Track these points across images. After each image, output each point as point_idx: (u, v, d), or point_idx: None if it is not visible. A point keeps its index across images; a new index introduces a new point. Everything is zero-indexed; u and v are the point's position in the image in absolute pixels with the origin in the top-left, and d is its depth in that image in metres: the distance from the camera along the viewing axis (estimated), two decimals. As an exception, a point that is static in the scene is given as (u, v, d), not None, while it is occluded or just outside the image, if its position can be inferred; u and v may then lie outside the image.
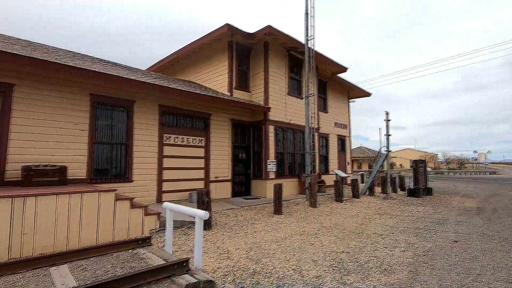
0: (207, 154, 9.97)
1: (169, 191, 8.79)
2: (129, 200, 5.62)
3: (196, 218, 3.81)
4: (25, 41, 8.25)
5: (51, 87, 6.73)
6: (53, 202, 4.70)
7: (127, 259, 4.26)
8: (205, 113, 9.98)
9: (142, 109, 8.32)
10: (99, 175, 7.42)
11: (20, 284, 3.38)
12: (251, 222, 6.92)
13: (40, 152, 6.48)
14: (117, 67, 9.06)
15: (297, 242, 5.30)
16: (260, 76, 11.44)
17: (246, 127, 11.52)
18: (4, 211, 4.26)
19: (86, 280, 3.50)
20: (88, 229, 5.04)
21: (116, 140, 7.81)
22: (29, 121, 6.38)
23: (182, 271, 3.54)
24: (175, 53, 13.17)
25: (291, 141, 12.25)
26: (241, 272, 3.83)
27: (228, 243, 5.16)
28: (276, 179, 10.99)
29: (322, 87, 15.28)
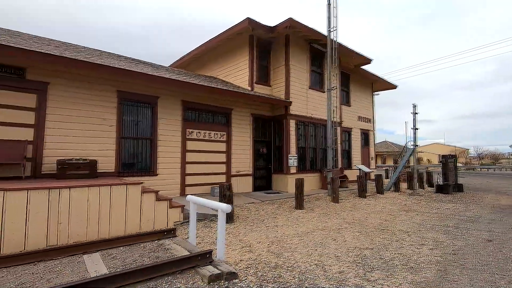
0: (229, 149, 10.07)
1: (192, 185, 9.00)
2: (154, 193, 5.82)
3: (218, 211, 3.87)
4: (57, 41, 8.69)
5: (82, 84, 7.06)
6: (85, 194, 4.98)
7: (154, 249, 4.43)
8: (227, 108, 10.07)
9: (165, 105, 8.54)
10: (126, 168, 7.73)
11: (57, 269, 3.62)
12: (272, 216, 6.94)
13: (73, 146, 6.85)
14: (142, 64, 9.33)
15: (319, 237, 5.26)
16: (281, 70, 11.33)
17: (267, 122, 11.50)
18: (42, 201, 4.57)
19: (116, 268, 3.69)
20: (117, 219, 5.29)
21: (142, 135, 8.09)
22: (62, 118, 6.75)
23: (205, 262, 3.63)
24: (196, 49, 13.34)
25: (312, 135, 12.08)
26: (263, 265, 3.86)
27: (250, 237, 5.22)
28: (297, 173, 10.91)
29: (345, 79, 14.88)
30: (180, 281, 3.30)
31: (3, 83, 6.07)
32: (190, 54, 13.88)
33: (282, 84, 11.23)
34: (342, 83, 14.42)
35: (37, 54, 5.89)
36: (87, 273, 3.49)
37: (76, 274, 3.49)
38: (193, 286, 3.17)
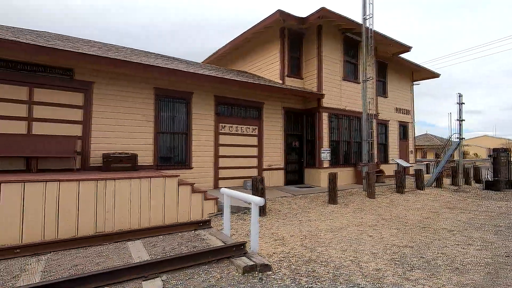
0: (260, 143, 10.12)
1: (224, 178, 9.21)
2: (190, 185, 6.05)
3: (252, 204, 3.92)
4: (100, 42, 9.29)
5: (122, 82, 7.50)
6: (127, 185, 5.32)
7: (190, 238, 4.62)
8: (258, 102, 10.09)
9: (199, 100, 8.78)
10: (163, 162, 8.12)
11: (105, 254, 3.94)
12: (305, 210, 6.88)
13: (116, 141, 7.33)
14: (176, 61, 9.65)
15: (354, 233, 5.12)
16: (313, 61, 11.06)
17: (299, 115, 11.34)
18: (90, 191, 4.97)
19: (156, 255, 3.92)
20: (156, 210, 5.59)
21: (177, 130, 8.41)
22: (105, 114, 7.25)
23: (240, 253, 3.71)
24: (228, 45, 13.47)
25: (346, 128, 11.69)
26: (296, 259, 3.86)
27: (283, 230, 5.23)
28: (330, 168, 10.67)
29: (382, 69, 14.13)
30: (216, 270, 3.41)
31: (55, 84, 6.65)
32: (221, 49, 14.06)
33: (314, 76, 10.97)
34: (379, 73, 13.72)
35: (86, 56, 6.36)
36: (131, 259, 3.75)
37: (122, 259, 3.76)
38: (228, 276, 3.26)
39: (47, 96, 6.58)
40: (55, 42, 6.79)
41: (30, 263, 3.59)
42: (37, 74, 6.47)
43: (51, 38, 7.45)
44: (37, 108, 6.48)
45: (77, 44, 7.60)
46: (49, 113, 6.59)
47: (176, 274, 3.27)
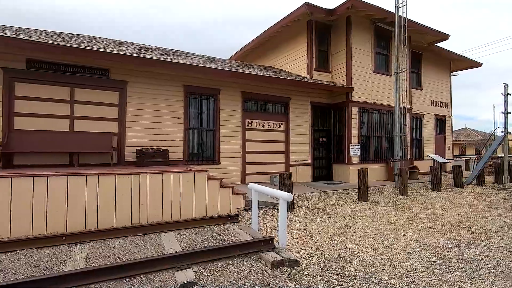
0: (287, 138, 10.05)
1: (252, 174, 9.28)
2: (218, 180, 6.18)
3: (280, 200, 3.92)
4: (133, 43, 9.70)
5: (154, 81, 7.79)
6: (160, 179, 5.55)
7: (219, 232, 4.73)
8: (285, 97, 10.00)
9: (226, 97, 8.89)
10: (192, 157, 8.35)
11: (140, 244, 4.15)
12: (333, 207, 6.75)
13: (148, 137, 7.66)
14: (204, 59, 9.83)
15: (385, 231, 4.94)
16: (341, 54, 10.72)
17: (326, 110, 11.09)
18: (126, 185, 5.25)
19: (188, 246, 4.06)
20: (187, 203, 5.78)
21: (205, 126, 8.60)
22: (139, 112, 7.58)
23: (268, 248, 3.73)
24: (254, 40, 13.46)
25: (377, 123, 11.24)
26: (325, 255, 3.80)
27: (311, 226, 5.17)
28: (359, 164, 10.34)
29: (416, 60, 13.36)
30: (245, 263, 3.47)
31: (93, 83, 7.07)
32: (247, 46, 14.09)
33: (343, 69, 10.64)
34: (413, 64, 12.98)
35: (120, 57, 6.71)
36: (164, 249, 3.92)
37: (155, 250, 3.94)
38: (257, 270, 3.30)
39: (86, 95, 7.02)
40: (93, 44, 7.21)
41: (74, 250, 3.88)
42: (77, 75, 6.92)
43: (89, 41, 7.91)
44: (77, 106, 6.95)
45: (112, 45, 8.00)
46: (88, 111, 7.04)
47: (206, 265, 3.37)
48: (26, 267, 3.38)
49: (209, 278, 3.08)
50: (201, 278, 3.07)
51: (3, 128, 6.20)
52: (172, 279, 3.04)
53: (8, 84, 6.28)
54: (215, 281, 3.04)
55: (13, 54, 6.30)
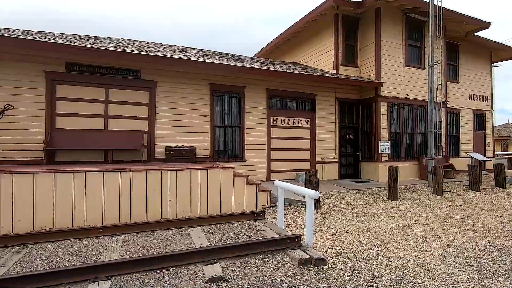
0: (313, 135, 9.90)
1: (277, 171, 9.26)
2: (244, 177, 6.23)
3: (306, 197, 3.88)
4: (160, 44, 10.03)
5: (181, 80, 8.01)
6: (188, 176, 5.71)
7: (245, 228, 4.78)
8: (311, 93, 9.85)
9: (251, 94, 8.93)
10: (218, 154, 8.50)
11: (170, 238, 4.31)
12: (361, 206, 6.56)
13: (176, 135, 7.91)
14: (229, 57, 9.93)
15: (418, 232, 4.71)
16: (370, 48, 10.33)
17: (354, 106, 10.77)
18: (156, 181, 5.46)
19: (215, 241, 4.15)
20: (213, 200, 5.90)
21: (231, 123, 8.70)
22: (167, 110, 7.85)
23: (294, 246, 3.72)
24: (278, 37, 13.36)
25: (408, 118, 10.72)
26: (354, 255, 3.71)
27: (338, 225, 5.07)
28: (389, 161, 9.94)
29: (452, 51, 12.53)
30: (271, 260, 3.48)
31: (125, 84, 7.41)
32: (272, 42, 14.02)
33: (371, 63, 10.25)
34: (448, 55, 12.19)
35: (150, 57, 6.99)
36: (193, 244, 4.04)
37: (185, 244, 4.07)
38: (284, 267, 3.30)
39: (119, 95, 7.39)
40: (124, 46, 7.55)
41: (110, 242, 4.11)
42: (111, 76, 7.29)
43: (121, 43, 8.30)
44: (111, 106, 7.33)
45: (142, 47, 8.32)
46: (120, 110, 7.40)
47: (233, 261, 3.42)
48: (68, 256, 3.65)
49: (236, 274, 3.13)
50: (228, 273, 3.13)
51: (46, 127, 6.70)
52: (201, 272, 3.12)
53: (50, 86, 6.77)
54: (242, 276, 3.08)
55: (54, 58, 6.77)
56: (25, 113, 6.52)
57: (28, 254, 3.71)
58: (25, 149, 6.54)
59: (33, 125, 6.61)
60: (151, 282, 2.93)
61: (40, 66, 6.68)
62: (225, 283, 2.93)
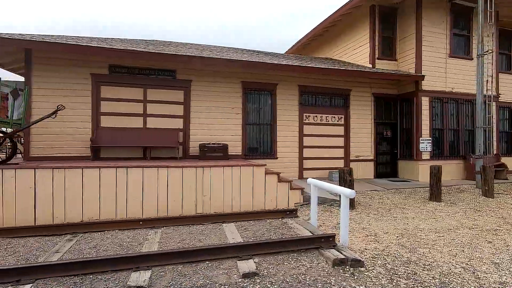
0: (347, 132, 9.58)
1: (309, 169, 9.12)
2: (276, 174, 6.22)
3: (341, 196, 3.77)
4: (194, 44, 10.31)
5: (214, 79, 8.18)
6: (221, 172, 5.83)
7: (278, 226, 4.77)
8: (344, 89, 9.53)
9: (283, 91, 8.86)
10: (250, 152, 8.57)
11: (205, 233, 4.44)
12: (400, 206, 6.23)
13: (209, 132, 8.10)
14: (261, 54, 9.93)
15: (465, 236, 4.36)
16: (409, 39, 9.72)
17: (392, 101, 10.22)
18: (191, 177, 5.65)
19: (248, 238, 4.19)
20: (246, 196, 5.96)
21: (263, 121, 8.72)
22: (201, 109, 8.07)
23: (328, 245, 3.63)
24: (310, 33, 13.08)
25: (453, 114, 9.94)
26: (393, 258, 3.53)
27: (375, 226, 4.86)
28: (431, 160, 9.32)
29: (506, 39, 11.36)
30: (305, 259, 3.43)
31: (162, 84, 7.75)
32: (303, 39, 13.77)
33: (411, 56, 9.64)
34: (501, 44, 11.08)
35: (186, 57, 7.27)
36: (227, 239, 4.12)
37: (219, 238, 4.17)
38: (318, 267, 3.24)
39: (156, 95, 7.74)
40: (161, 48, 7.88)
41: (150, 234, 4.34)
42: (149, 77, 7.66)
43: (158, 44, 8.67)
44: (149, 105, 7.70)
45: (177, 47, 8.63)
46: (158, 109, 7.75)
47: (266, 258, 3.43)
48: (113, 245, 3.91)
49: (270, 271, 3.13)
50: (262, 270, 3.14)
51: (92, 125, 7.23)
52: (235, 267, 3.18)
53: (95, 88, 7.29)
54: (275, 273, 3.08)
55: (99, 61, 7.27)
56: (74, 113, 7.08)
57: (78, 242, 4.04)
58: (74, 145, 7.12)
59: (81, 123, 7.17)
60: (187, 274, 3.04)
61: (87, 69, 7.21)
62: (258, 279, 2.95)
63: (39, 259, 3.46)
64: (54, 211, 4.97)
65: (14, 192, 4.82)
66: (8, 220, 4.77)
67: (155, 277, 2.95)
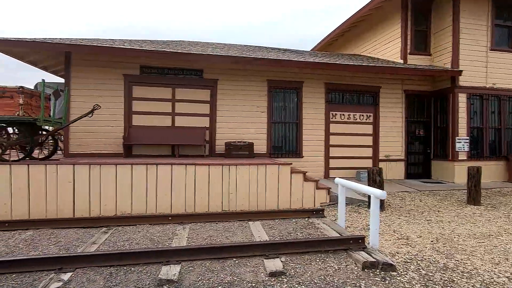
0: (376, 131, 9.24)
1: (335, 168, 8.91)
2: (302, 173, 6.14)
3: (372, 197, 3.64)
4: (220, 44, 10.44)
5: (240, 77, 8.24)
6: (247, 171, 5.86)
7: (304, 225, 4.72)
8: (374, 86, 9.19)
9: (309, 89, 8.72)
10: (275, 150, 8.54)
11: (232, 230, 4.49)
12: (434, 209, 5.91)
13: (235, 131, 8.18)
14: (287, 52, 9.84)
15: (510, 243, 4.04)
16: (445, 32, 9.15)
17: (425, 98, 9.71)
18: (217, 174, 5.74)
19: (274, 236, 4.18)
20: (271, 195, 5.95)
21: (288, 119, 8.65)
22: (226, 107, 8.16)
23: (358, 247, 3.53)
24: (336, 29, 12.73)
25: (494, 111, 9.24)
26: (427, 263, 3.36)
27: (406, 229, 4.65)
28: (468, 160, 8.73)
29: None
30: (333, 260, 3.36)
31: (190, 83, 7.93)
32: (330, 35, 13.42)
33: (447, 50, 9.08)
34: (551, 34, 10.09)
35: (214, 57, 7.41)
36: (253, 237, 4.14)
37: (245, 236, 4.20)
38: (346, 269, 3.16)
39: (184, 94, 7.94)
40: (189, 48, 8.06)
41: (178, 229, 4.47)
42: (177, 77, 7.88)
43: (186, 45, 8.88)
44: (177, 104, 7.92)
45: (204, 47, 8.78)
46: (185, 108, 7.95)
47: (293, 257, 3.40)
48: (144, 239, 4.08)
49: (297, 270, 3.10)
50: (289, 269, 3.12)
51: (125, 124, 7.57)
52: (262, 266, 3.18)
53: (127, 88, 7.62)
54: (302, 273, 3.04)
55: (131, 62, 7.60)
56: (108, 112, 7.45)
57: (113, 234, 4.26)
58: (108, 143, 7.50)
59: (114, 122, 7.54)
60: (215, 270, 3.09)
61: (120, 70, 7.56)
62: (285, 279, 2.93)
63: (78, 249, 3.69)
64: (90, 205, 5.28)
65: (56, 186, 5.17)
66: (51, 212, 5.14)
67: (184, 272, 3.03)
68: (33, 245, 3.87)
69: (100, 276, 2.92)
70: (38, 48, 6.84)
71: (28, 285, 2.76)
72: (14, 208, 5.05)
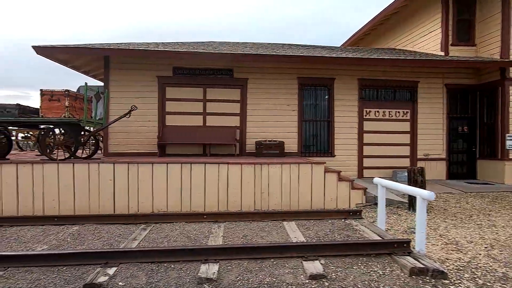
0: (414, 128, 8.73)
1: (370, 167, 8.55)
2: (336, 173, 5.94)
3: (417, 199, 3.40)
4: (249, 43, 10.44)
5: (270, 76, 8.17)
6: (279, 170, 5.78)
7: (342, 227, 4.54)
8: (411, 81, 8.68)
9: (341, 86, 8.44)
10: (306, 149, 8.36)
11: (266, 230, 4.43)
12: (484, 212, 5.43)
13: (265, 130, 8.12)
14: (318, 49, 9.60)
15: None
16: (493, 20, 8.40)
17: (469, 92, 9.00)
18: (249, 174, 5.71)
19: (310, 237, 4.06)
20: (304, 195, 5.82)
21: (319, 117, 8.44)
22: (257, 106, 8.13)
23: (403, 252, 3.31)
24: (370, 22, 12.18)
25: (551, 105, 8.33)
26: (483, 271, 3.07)
27: (454, 233, 4.31)
28: (521, 160, 7.96)
29: None
30: (376, 265, 3.18)
31: (220, 83, 8.01)
32: (363, 29, 12.90)
33: (494, 39, 8.34)
34: None
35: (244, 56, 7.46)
36: (289, 237, 4.05)
37: (280, 236, 4.12)
38: (392, 275, 2.97)
39: (215, 94, 8.03)
40: (219, 49, 8.14)
41: (213, 228, 4.49)
42: (209, 77, 7.98)
43: (216, 45, 8.97)
44: (208, 104, 8.03)
45: (234, 47, 8.82)
46: (216, 108, 8.04)
47: (333, 260, 3.26)
48: (181, 237, 4.14)
49: (338, 274, 2.97)
50: (330, 272, 2.99)
51: (159, 124, 7.81)
52: (301, 268, 3.08)
53: (161, 89, 7.85)
54: (344, 278, 2.90)
55: (164, 64, 7.82)
56: (144, 113, 7.72)
57: (151, 231, 4.38)
58: (143, 143, 7.79)
59: (149, 122, 7.80)
60: (253, 270, 3.04)
61: (154, 72, 7.81)
62: (327, 282, 2.81)
63: (121, 245, 3.83)
64: (129, 202, 5.50)
65: (98, 184, 5.44)
66: (93, 208, 5.42)
67: (223, 271, 3.02)
68: (79, 239, 4.08)
69: (142, 272, 3.00)
70: (81, 53, 7.26)
71: (77, 278, 2.90)
72: (62, 204, 5.38)
